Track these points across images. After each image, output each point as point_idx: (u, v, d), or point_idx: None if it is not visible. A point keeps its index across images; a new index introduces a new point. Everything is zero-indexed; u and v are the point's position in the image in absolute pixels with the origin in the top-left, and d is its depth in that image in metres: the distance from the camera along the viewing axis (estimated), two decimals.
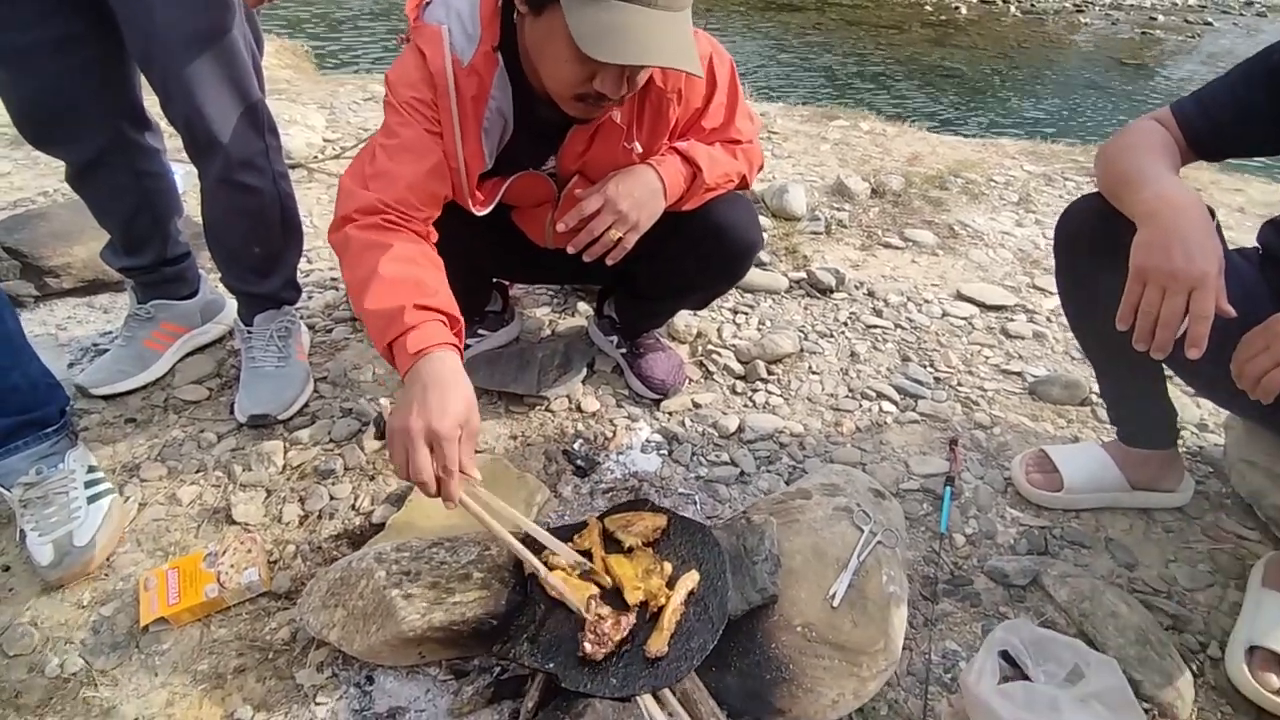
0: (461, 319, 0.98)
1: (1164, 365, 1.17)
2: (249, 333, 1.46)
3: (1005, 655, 0.97)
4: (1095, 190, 1.05)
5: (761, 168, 1.29)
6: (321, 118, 2.96)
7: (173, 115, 1.24)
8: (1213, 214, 1.06)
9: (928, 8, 11.60)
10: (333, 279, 1.94)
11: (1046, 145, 3.32)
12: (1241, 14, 12.03)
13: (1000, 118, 6.29)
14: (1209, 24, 11.30)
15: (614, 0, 0.87)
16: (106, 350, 1.62)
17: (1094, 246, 1.05)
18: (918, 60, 8.84)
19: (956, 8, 11.63)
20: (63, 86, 1.18)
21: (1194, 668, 1.04)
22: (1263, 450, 1.26)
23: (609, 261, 1.13)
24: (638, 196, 1.12)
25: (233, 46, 1.21)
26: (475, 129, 1.07)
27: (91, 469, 1.24)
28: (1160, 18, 11.53)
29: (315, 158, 2.66)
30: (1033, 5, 11.91)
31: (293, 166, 2.53)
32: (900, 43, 9.72)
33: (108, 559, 1.18)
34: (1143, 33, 10.71)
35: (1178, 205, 0.85)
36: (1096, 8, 12.00)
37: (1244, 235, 2.21)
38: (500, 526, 0.97)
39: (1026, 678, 0.95)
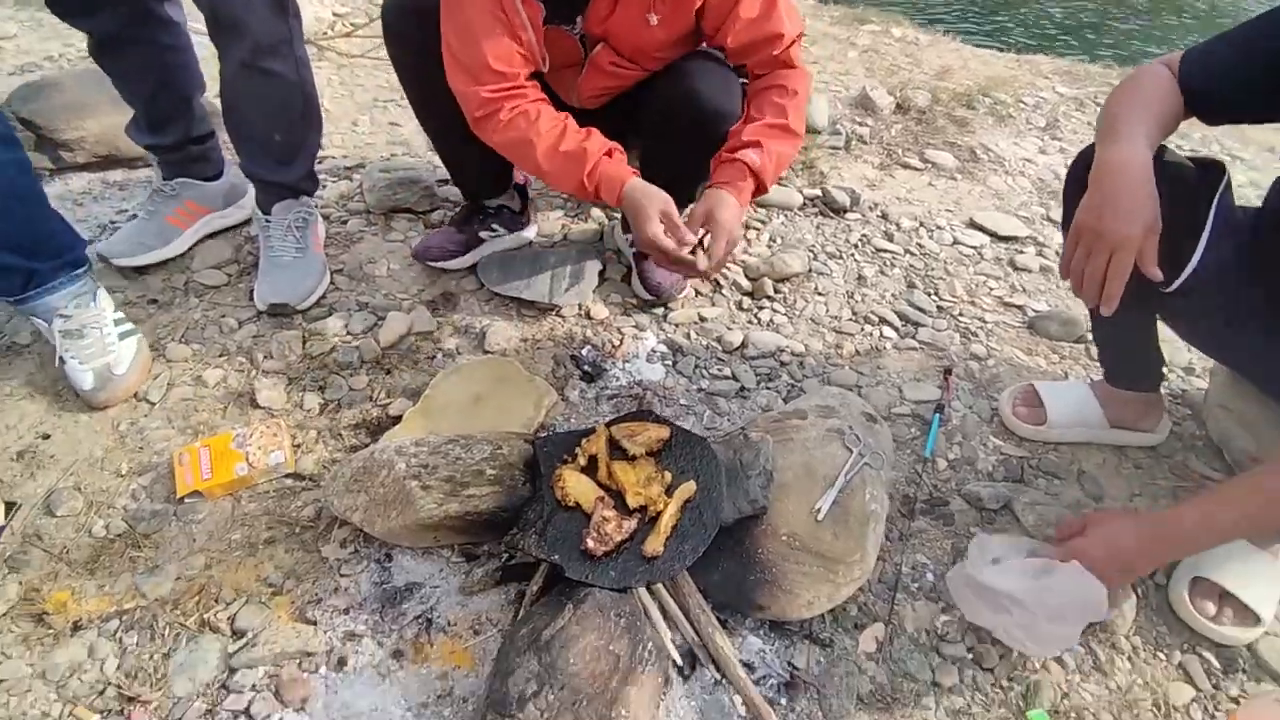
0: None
1: (1156, 314, 1.21)
2: (267, 221, 1.48)
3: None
4: None
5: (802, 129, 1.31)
6: None
7: (203, 11, 1.23)
8: (1223, 174, 1.08)
9: None
10: (346, 168, 1.93)
11: (1083, 65, 3.19)
12: None
13: (1063, 16, 5.92)
14: None
15: None
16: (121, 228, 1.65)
17: None
18: None
19: None
20: None
21: (1139, 592, 1.14)
22: (1239, 397, 1.31)
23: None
24: (737, 227, 1.27)
25: None
26: None
27: (116, 311, 1.34)
28: None
29: (325, 34, 2.57)
30: None
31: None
32: None
33: (137, 396, 1.30)
34: None
35: (1120, 169, 0.91)
36: None
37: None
38: None
39: None
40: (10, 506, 1.12)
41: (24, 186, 1.19)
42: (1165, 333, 1.23)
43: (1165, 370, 1.33)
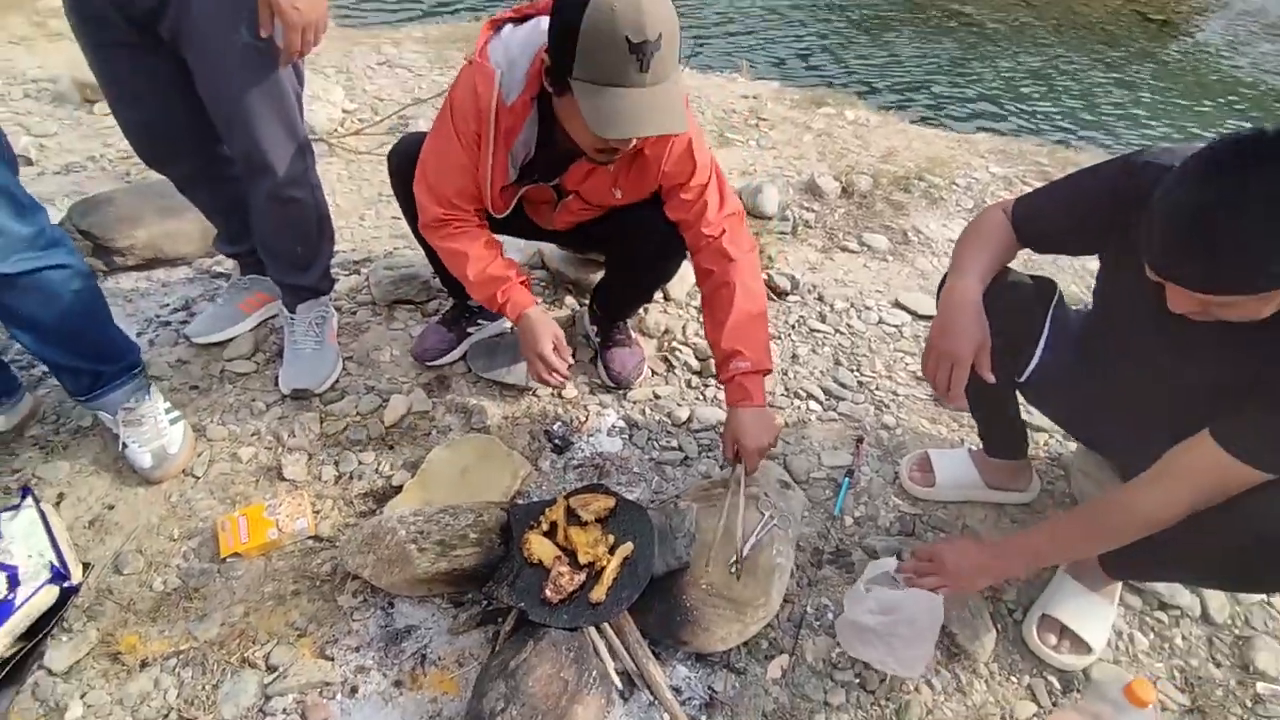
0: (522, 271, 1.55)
1: (1016, 397, 1.50)
2: (292, 318, 1.77)
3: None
4: None
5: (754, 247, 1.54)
6: (340, 90, 3.18)
7: (233, 147, 1.54)
8: (1055, 290, 1.38)
9: None
10: (354, 262, 2.24)
11: (1017, 143, 3.54)
12: None
13: (1002, 88, 6.36)
14: None
15: (614, 88, 1.15)
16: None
17: None
18: (937, 4, 8.66)
19: None
20: (164, 121, 1.50)
21: (999, 627, 1.40)
22: (1094, 463, 1.60)
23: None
24: (771, 429, 1.48)
25: (282, 90, 1.48)
26: (504, 152, 1.40)
27: (165, 401, 1.62)
28: None
29: (335, 132, 2.90)
30: None
31: (315, 141, 2.77)
32: None
33: (185, 472, 1.58)
34: None
35: (956, 301, 1.20)
36: None
37: None
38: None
39: None
40: (86, 566, 1.39)
41: (92, 304, 1.45)
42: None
43: (1030, 442, 1.61)
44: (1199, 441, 1.05)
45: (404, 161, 1.59)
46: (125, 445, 1.54)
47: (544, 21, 1.26)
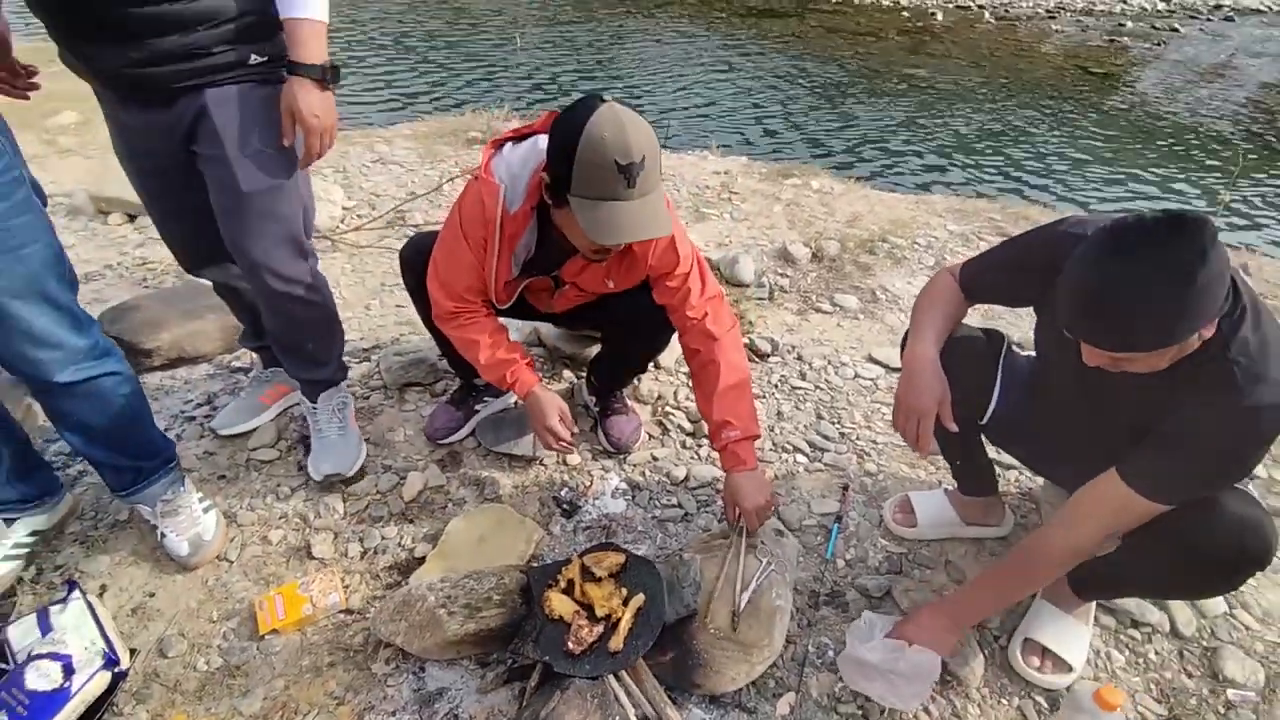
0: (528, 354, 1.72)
1: (981, 439, 1.66)
2: (314, 408, 1.90)
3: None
4: None
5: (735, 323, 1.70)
6: (339, 189, 3.40)
7: (240, 262, 1.64)
8: (1003, 341, 1.55)
9: (905, 14, 11.92)
10: (364, 350, 2.39)
11: (971, 202, 3.81)
12: (1209, 19, 12.40)
13: (955, 147, 6.76)
14: (1175, 30, 11.64)
15: (607, 202, 1.34)
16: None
17: None
18: (892, 69, 9.20)
19: (933, 14, 11.91)
20: (202, 233, 1.63)
21: (987, 653, 1.52)
22: (1059, 495, 1.74)
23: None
24: (765, 490, 1.60)
25: (291, 208, 1.59)
26: (508, 253, 1.57)
27: (197, 491, 1.74)
28: (1129, 24, 11.93)
29: (337, 229, 3.10)
30: (1006, 11, 12.34)
31: (318, 238, 2.97)
32: (876, 51, 10.14)
33: (219, 557, 1.69)
34: (1110, 40, 11.09)
35: (916, 361, 1.38)
36: (1068, 14, 12.43)
37: None
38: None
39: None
40: (133, 652, 1.48)
41: (138, 406, 1.58)
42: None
43: (1000, 479, 1.76)
44: (1107, 479, 1.21)
45: (415, 259, 1.76)
46: (163, 535, 1.65)
47: (541, 140, 1.46)
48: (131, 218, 3.16)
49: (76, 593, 1.51)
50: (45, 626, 1.40)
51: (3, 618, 1.51)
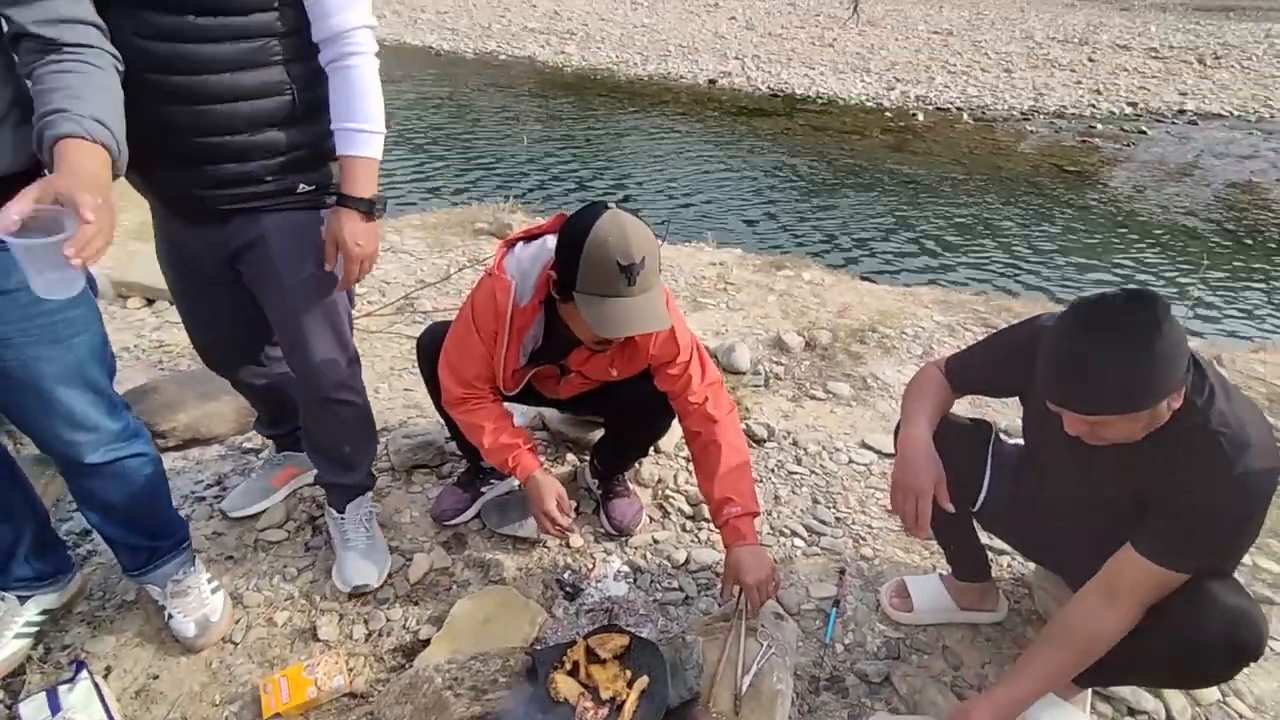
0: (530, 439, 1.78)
1: (974, 525, 1.72)
2: (341, 518, 1.89)
3: None
4: None
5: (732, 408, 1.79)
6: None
7: (292, 364, 1.73)
8: (991, 430, 1.64)
9: (888, 114, 12.57)
10: None
11: (956, 293, 3.99)
12: (1174, 122, 13.11)
13: (939, 240, 7.06)
14: (1143, 132, 12.27)
15: (610, 298, 1.45)
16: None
17: None
18: (877, 166, 9.66)
19: (914, 114, 12.55)
20: (229, 341, 1.76)
21: None
22: (1051, 580, 1.79)
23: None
24: (766, 565, 1.64)
25: (338, 311, 1.69)
26: (517, 343, 1.68)
27: (206, 571, 1.76)
28: (1099, 126, 12.58)
29: None
30: (983, 113, 13.05)
31: None
32: (861, 148, 10.66)
33: (224, 639, 1.70)
34: (1083, 140, 11.67)
35: (911, 444, 1.46)
36: (1041, 116, 13.14)
37: None
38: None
39: None
40: None
41: (159, 487, 1.63)
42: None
43: (994, 564, 1.81)
44: (1128, 559, 1.27)
45: (431, 347, 1.86)
46: (171, 616, 1.67)
47: (550, 240, 1.59)
48: (150, 301, 3.29)
49: (84, 673, 1.52)
50: (55, 705, 1.41)
51: (13, 695, 1.52)
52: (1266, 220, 8.42)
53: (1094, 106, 13.59)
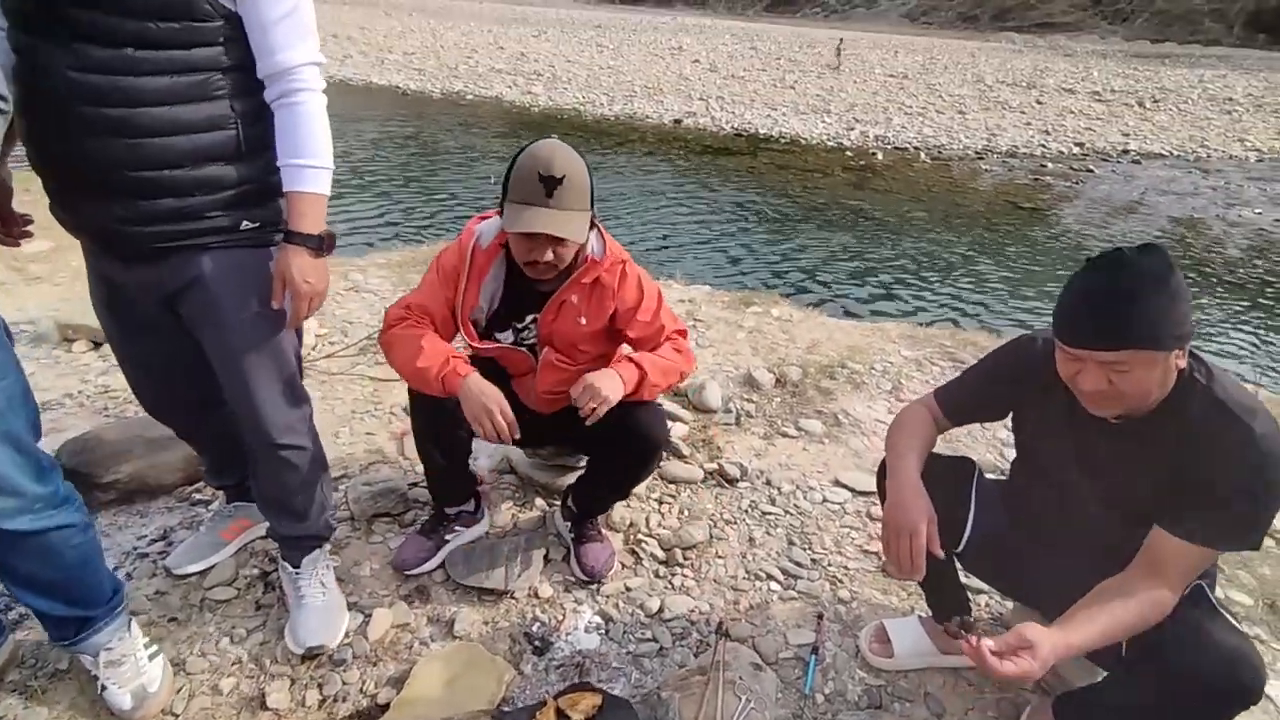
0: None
1: (956, 566, 1.68)
2: (296, 573, 1.78)
3: None
4: None
5: (692, 366, 1.87)
6: (312, 318, 3.44)
7: (237, 408, 1.62)
8: (974, 467, 1.62)
9: (848, 153, 12.96)
10: (332, 479, 2.35)
11: (921, 328, 4.03)
12: (1119, 161, 13.76)
13: (901, 275, 7.19)
14: (1090, 171, 12.86)
15: (530, 207, 1.54)
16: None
17: None
18: (840, 203, 9.89)
19: (874, 154, 12.99)
20: (170, 387, 1.68)
21: None
22: (1031, 618, 1.76)
23: (589, 421, 1.64)
24: (606, 384, 1.65)
25: (284, 350, 1.61)
26: (477, 284, 1.75)
27: (144, 636, 1.63)
28: (1049, 165, 13.12)
29: (309, 356, 3.13)
30: (939, 152, 13.51)
31: None
32: (824, 186, 10.94)
33: (164, 710, 1.58)
34: (1035, 178, 12.17)
35: (902, 483, 1.43)
36: (994, 155, 13.65)
37: None
38: None
39: None
40: None
41: (89, 556, 1.48)
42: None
43: (973, 604, 1.77)
44: (1165, 543, 1.24)
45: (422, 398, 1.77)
46: (104, 687, 1.54)
47: None
48: (96, 345, 3.14)
49: None
50: None
51: None
52: (1210, 256, 8.79)
53: (1044, 146, 14.15)
